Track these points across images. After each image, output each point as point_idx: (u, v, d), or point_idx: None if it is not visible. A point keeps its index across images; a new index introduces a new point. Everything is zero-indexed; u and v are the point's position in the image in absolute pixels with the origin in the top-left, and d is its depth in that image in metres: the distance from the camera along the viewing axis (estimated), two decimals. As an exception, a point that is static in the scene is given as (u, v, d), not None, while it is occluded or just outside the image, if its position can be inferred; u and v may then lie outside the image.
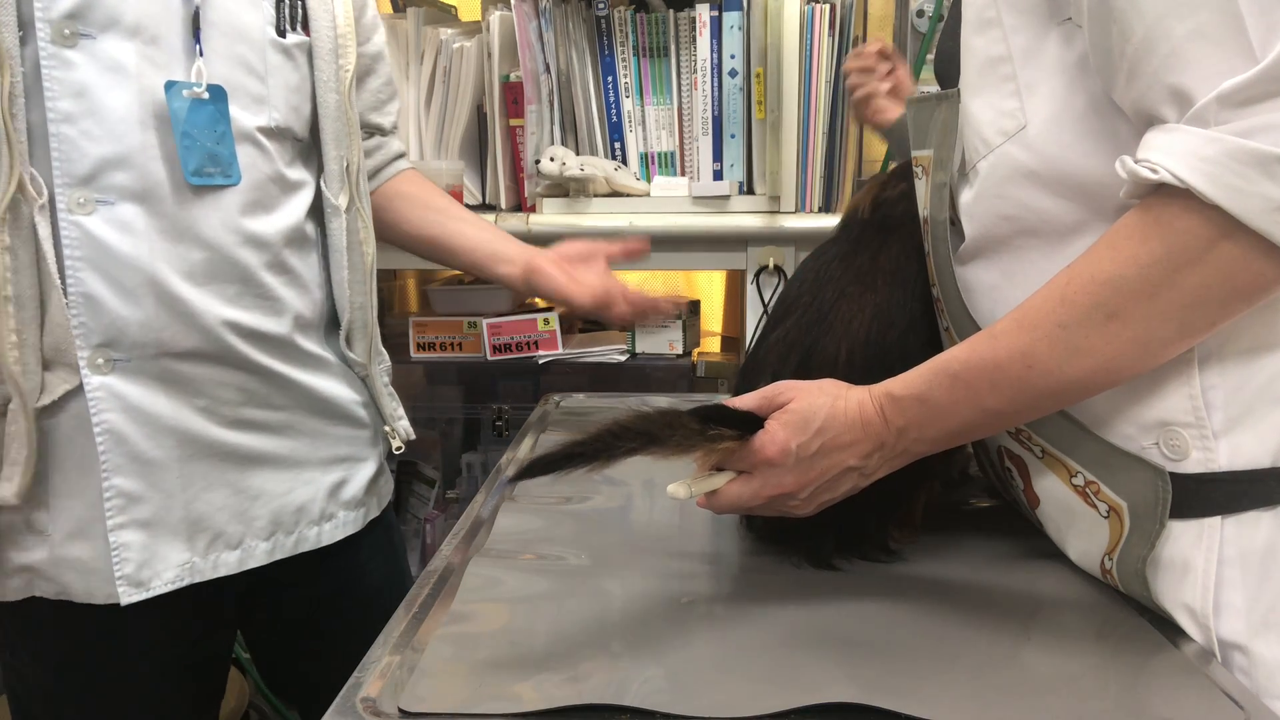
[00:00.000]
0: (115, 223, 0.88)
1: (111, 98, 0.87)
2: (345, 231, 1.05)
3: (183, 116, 0.90)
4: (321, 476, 1.05)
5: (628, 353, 1.99)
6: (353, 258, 1.06)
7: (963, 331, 0.75)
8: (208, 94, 0.92)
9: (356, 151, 1.06)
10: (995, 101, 0.69)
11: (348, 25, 1.04)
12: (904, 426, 0.68)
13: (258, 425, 0.99)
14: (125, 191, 0.88)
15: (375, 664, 0.63)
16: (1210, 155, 0.55)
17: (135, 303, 0.89)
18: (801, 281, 0.88)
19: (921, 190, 0.81)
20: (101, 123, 0.87)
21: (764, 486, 0.70)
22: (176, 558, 0.94)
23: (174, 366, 0.93)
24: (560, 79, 1.87)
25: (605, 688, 0.59)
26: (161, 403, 0.92)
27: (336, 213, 1.04)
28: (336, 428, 1.07)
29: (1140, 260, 0.58)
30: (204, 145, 0.92)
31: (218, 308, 0.94)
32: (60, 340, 0.88)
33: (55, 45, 0.85)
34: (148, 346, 0.91)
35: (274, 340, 0.99)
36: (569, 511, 0.93)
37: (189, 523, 0.95)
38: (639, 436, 0.66)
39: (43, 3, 0.84)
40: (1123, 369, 0.62)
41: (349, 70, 1.04)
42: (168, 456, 0.93)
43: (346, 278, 1.05)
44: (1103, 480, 0.69)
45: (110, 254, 0.88)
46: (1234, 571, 0.65)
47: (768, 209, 1.80)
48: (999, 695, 0.59)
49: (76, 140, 0.86)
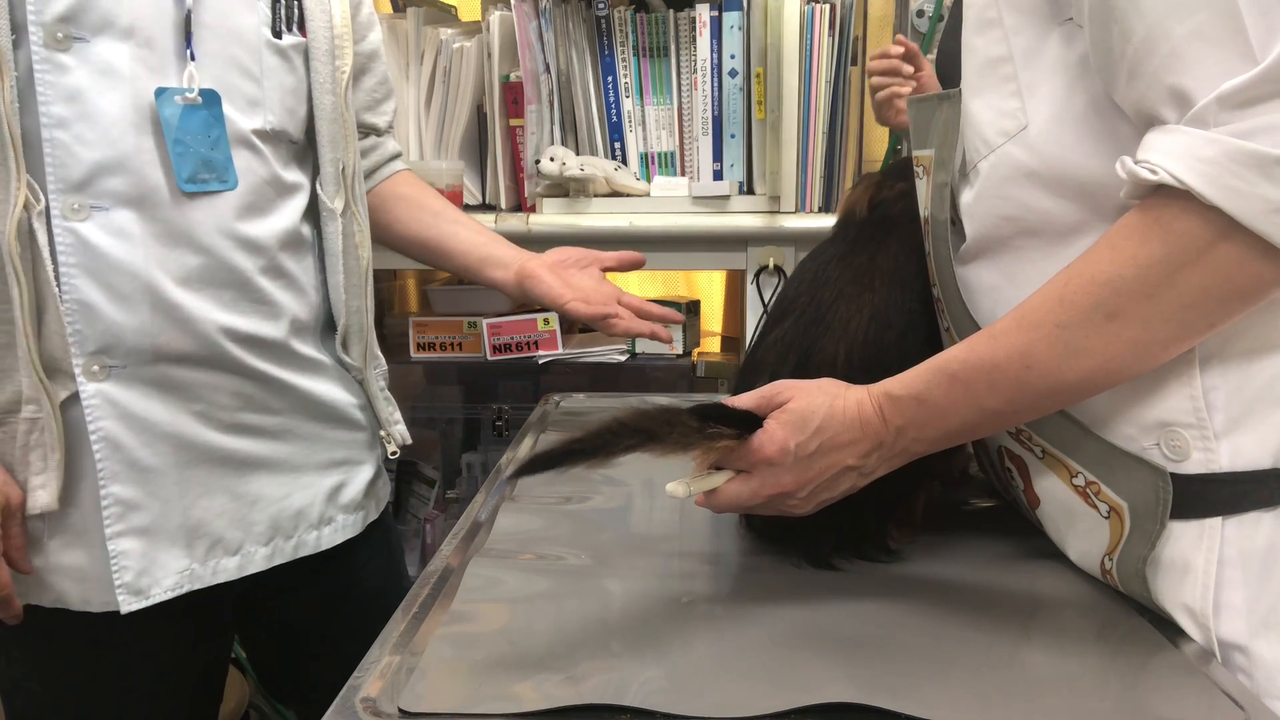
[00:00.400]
0: (110, 229, 0.87)
1: (105, 102, 0.86)
2: (341, 235, 1.03)
3: (175, 123, 0.89)
4: (320, 480, 1.05)
5: (628, 353, 1.99)
6: (348, 261, 1.04)
7: (963, 332, 0.75)
8: (200, 99, 0.91)
9: (352, 154, 1.05)
10: (996, 102, 0.69)
11: (344, 25, 1.03)
12: (903, 426, 0.68)
13: (255, 430, 0.99)
14: (120, 197, 0.87)
15: (375, 664, 0.63)
16: (1209, 156, 0.55)
17: (130, 309, 0.88)
18: (800, 281, 0.88)
19: (922, 190, 0.81)
20: (95, 127, 0.86)
21: (763, 486, 0.70)
22: (175, 565, 0.94)
23: (170, 372, 0.92)
24: (560, 79, 1.87)
25: (605, 688, 0.59)
26: (158, 409, 0.92)
27: (332, 216, 1.03)
28: (334, 431, 1.06)
29: (1140, 261, 0.58)
30: (198, 151, 0.91)
31: (213, 313, 0.93)
32: (56, 348, 0.87)
33: (48, 49, 0.84)
34: (143, 353, 0.90)
35: (270, 345, 0.98)
36: (569, 511, 0.93)
37: (187, 529, 0.94)
38: (638, 433, 0.66)
39: (36, 6, 0.83)
40: (1122, 369, 0.62)
41: (345, 72, 1.02)
42: (165, 463, 0.92)
43: (342, 281, 1.04)
44: (1103, 480, 0.69)
45: (105, 260, 0.87)
46: (1234, 572, 0.65)
47: (768, 209, 1.80)
48: (999, 695, 0.59)
49: (70, 145, 0.85)
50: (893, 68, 1.45)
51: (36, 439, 0.88)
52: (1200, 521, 0.65)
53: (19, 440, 0.89)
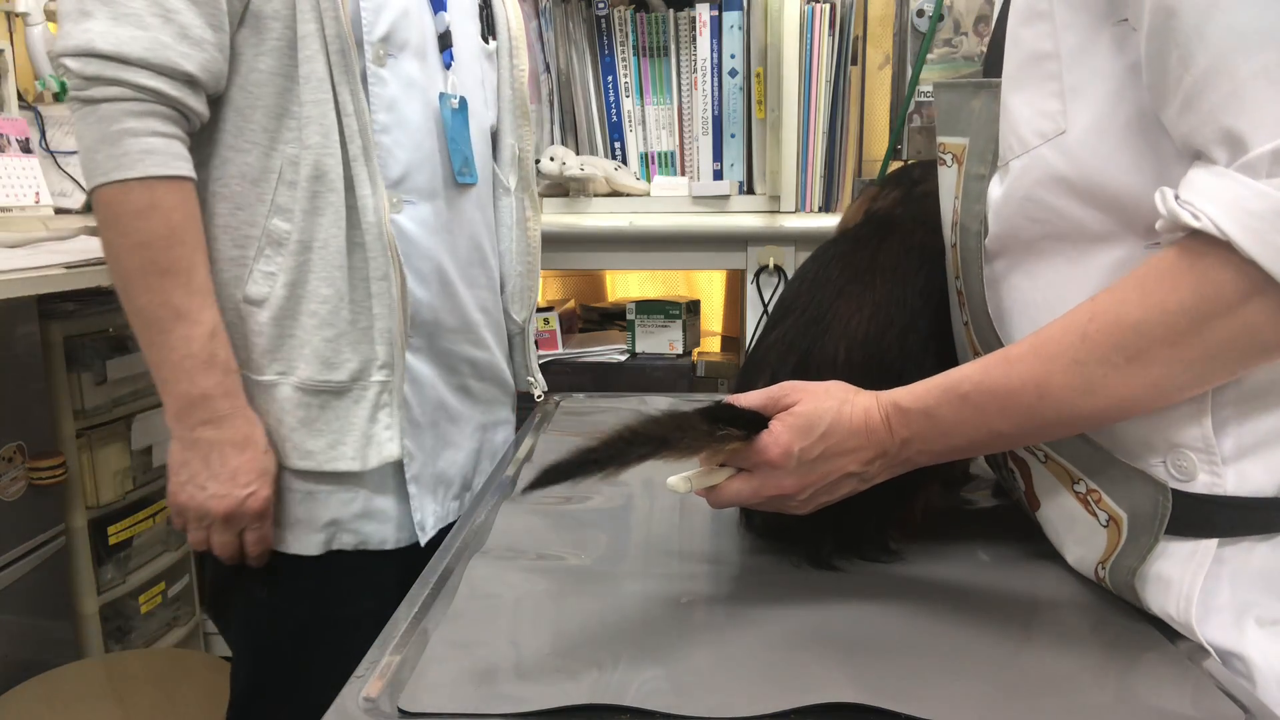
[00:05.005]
0: (415, 219, 1.02)
1: (410, 110, 1.01)
2: (514, 209, 1.22)
3: (450, 124, 1.06)
4: (488, 438, 1.23)
5: (628, 352, 1.99)
6: (518, 232, 1.24)
7: (981, 329, 0.75)
8: (458, 103, 1.07)
9: (527, 140, 1.24)
10: (1036, 100, 0.66)
11: (519, 29, 1.23)
12: (909, 438, 0.68)
13: (471, 394, 1.16)
14: (421, 191, 1.03)
15: (375, 664, 0.63)
16: (1258, 211, 0.52)
17: (426, 289, 1.04)
18: (801, 282, 0.88)
19: (948, 178, 0.79)
20: (406, 131, 1.01)
21: (763, 486, 0.70)
22: (431, 508, 1.09)
23: (440, 343, 1.09)
24: (560, 79, 1.87)
25: (605, 688, 0.59)
26: (427, 374, 1.07)
27: (506, 192, 1.22)
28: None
29: (1168, 308, 0.57)
30: (461, 149, 1.07)
31: (470, 289, 1.12)
32: (400, 323, 1.02)
33: (374, 65, 0.98)
34: (428, 325, 1.06)
35: (492, 316, 1.18)
36: (569, 511, 0.93)
37: (435, 477, 1.10)
38: (651, 442, 0.65)
39: (368, 27, 0.97)
40: (1135, 409, 0.61)
41: (523, 69, 1.22)
42: (427, 420, 1.07)
43: (512, 248, 1.23)
44: (1104, 490, 0.69)
45: (415, 247, 1.02)
46: (1222, 587, 0.65)
47: (768, 209, 1.80)
48: (999, 695, 0.59)
49: (391, 149, 0.99)
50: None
51: (385, 399, 1.02)
52: (1195, 542, 0.65)
53: (368, 402, 1.01)
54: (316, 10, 0.92)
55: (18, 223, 1.58)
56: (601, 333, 2.16)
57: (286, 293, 0.97)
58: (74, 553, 1.67)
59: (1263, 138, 0.52)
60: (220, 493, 0.94)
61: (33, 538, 1.58)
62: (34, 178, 1.68)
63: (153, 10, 0.87)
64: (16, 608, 1.55)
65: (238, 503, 0.95)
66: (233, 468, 0.95)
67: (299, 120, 0.94)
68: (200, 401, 0.93)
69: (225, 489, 0.95)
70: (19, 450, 1.55)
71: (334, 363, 0.99)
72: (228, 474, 0.95)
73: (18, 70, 1.81)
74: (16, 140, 1.68)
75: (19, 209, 1.63)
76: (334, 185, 0.95)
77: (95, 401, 1.69)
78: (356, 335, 0.99)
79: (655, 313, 2.01)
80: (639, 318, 2.01)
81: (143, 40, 0.87)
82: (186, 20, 0.88)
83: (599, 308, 2.30)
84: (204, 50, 0.90)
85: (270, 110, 0.95)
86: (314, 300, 0.97)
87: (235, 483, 0.95)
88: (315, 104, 0.94)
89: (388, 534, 1.05)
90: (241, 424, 0.95)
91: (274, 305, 0.97)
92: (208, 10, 0.90)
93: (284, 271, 0.97)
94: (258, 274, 0.97)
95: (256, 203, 0.96)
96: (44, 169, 1.71)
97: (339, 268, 0.97)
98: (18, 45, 1.88)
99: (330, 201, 0.96)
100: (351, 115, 0.95)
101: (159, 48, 0.87)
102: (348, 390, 1.00)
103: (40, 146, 1.79)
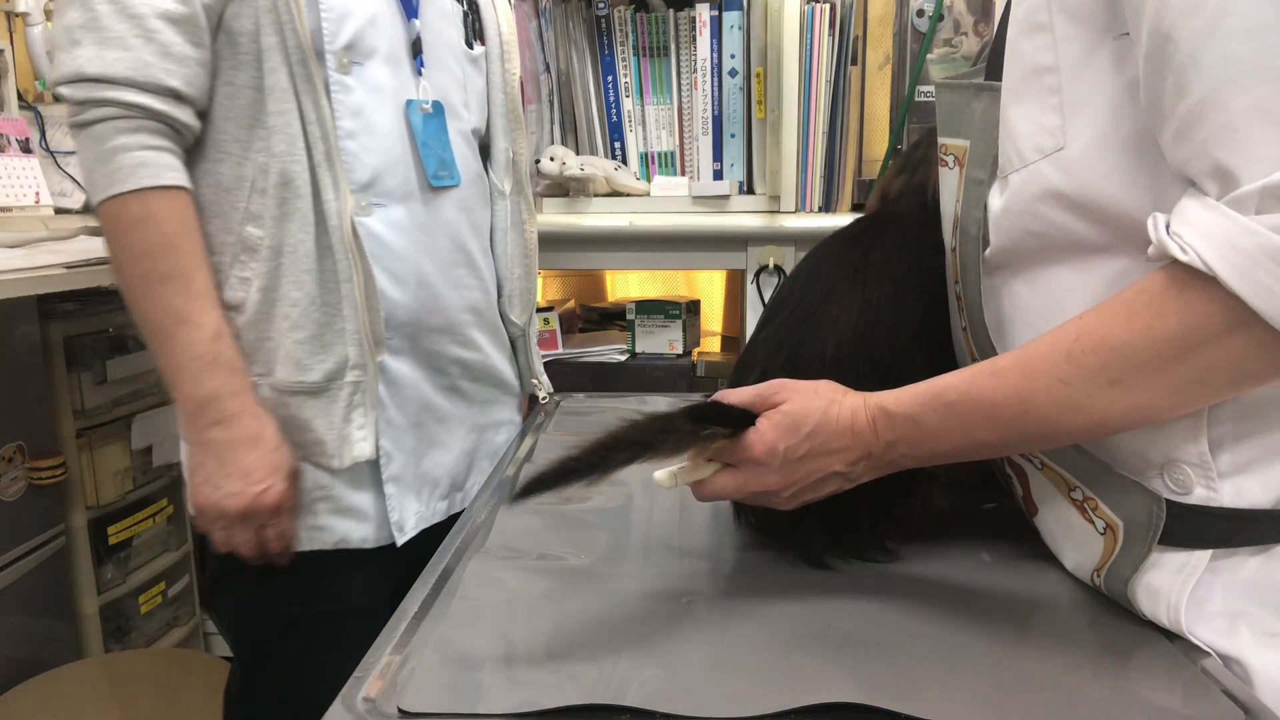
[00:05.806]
0: (387, 222, 1.03)
1: (379, 116, 1.02)
2: (509, 212, 1.23)
3: (420, 129, 1.06)
4: (482, 439, 1.22)
5: (628, 352, 1.99)
6: (514, 235, 1.24)
7: (977, 336, 0.75)
8: (431, 107, 1.07)
9: (521, 143, 1.24)
10: (1036, 114, 0.66)
11: (511, 33, 1.23)
12: (893, 441, 0.68)
13: (461, 394, 1.16)
14: (393, 194, 1.03)
15: (375, 664, 0.63)
16: (1245, 248, 0.52)
17: (403, 290, 1.05)
18: (794, 280, 0.89)
19: (951, 181, 0.78)
20: (374, 137, 1.01)
21: (748, 482, 0.70)
22: (412, 508, 1.10)
23: (422, 344, 1.09)
24: (560, 79, 1.87)
25: (605, 688, 0.59)
26: (409, 375, 1.08)
27: (501, 195, 1.22)
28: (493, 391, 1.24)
29: (1154, 334, 0.57)
30: (436, 153, 1.08)
31: (455, 290, 1.11)
32: (372, 323, 1.02)
33: (338, 73, 0.99)
34: (407, 327, 1.06)
35: (484, 315, 1.17)
36: (569, 511, 0.93)
37: (419, 478, 1.11)
38: (634, 446, 0.66)
39: (329, 37, 0.97)
40: (1119, 427, 0.61)
41: (515, 73, 1.23)
42: (408, 421, 1.08)
43: (509, 252, 1.23)
44: (1101, 498, 0.68)
45: (387, 249, 1.03)
46: (1214, 595, 0.65)
47: (768, 209, 1.80)
48: (999, 695, 0.59)
49: (358, 154, 1.00)
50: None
51: (359, 400, 1.03)
52: (1188, 553, 0.65)
53: (342, 402, 1.02)
54: (278, 24, 0.95)
55: (18, 223, 1.58)
56: (601, 333, 2.16)
57: (260, 297, 0.99)
58: (74, 553, 1.68)
59: (1253, 174, 0.52)
60: (234, 491, 0.96)
61: (33, 538, 1.59)
62: (34, 178, 1.68)
63: (135, 32, 0.91)
64: (16, 608, 1.55)
65: (252, 499, 0.96)
66: (245, 465, 0.96)
67: (267, 130, 0.97)
68: (209, 403, 0.95)
69: (239, 487, 0.96)
70: (19, 450, 1.56)
71: (307, 364, 1.01)
72: (240, 472, 0.96)
73: (18, 70, 1.82)
74: (16, 140, 1.68)
75: (19, 209, 1.64)
76: (300, 191, 0.97)
77: (95, 401, 1.69)
78: (330, 337, 1.01)
79: (655, 313, 2.01)
80: (639, 318, 2.01)
81: (127, 60, 0.91)
82: (168, 39, 0.92)
83: (599, 308, 2.30)
84: (186, 66, 0.94)
85: (242, 121, 0.98)
86: (286, 304, 0.99)
87: (248, 480, 0.96)
88: (280, 114, 0.96)
89: (367, 533, 1.07)
90: (251, 422, 0.97)
91: (250, 310, 1.00)
92: (188, 29, 0.93)
93: (258, 277, 0.99)
94: (234, 280, 1.00)
95: (231, 210, 0.99)
96: (44, 169, 1.71)
97: (308, 271, 0.99)
98: (18, 45, 1.88)
99: (298, 207, 0.98)
100: (314, 123, 0.97)
101: (143, 66, 0.91)
102: (323, 390, 1.02)
103: (40, 146, 1.79)
